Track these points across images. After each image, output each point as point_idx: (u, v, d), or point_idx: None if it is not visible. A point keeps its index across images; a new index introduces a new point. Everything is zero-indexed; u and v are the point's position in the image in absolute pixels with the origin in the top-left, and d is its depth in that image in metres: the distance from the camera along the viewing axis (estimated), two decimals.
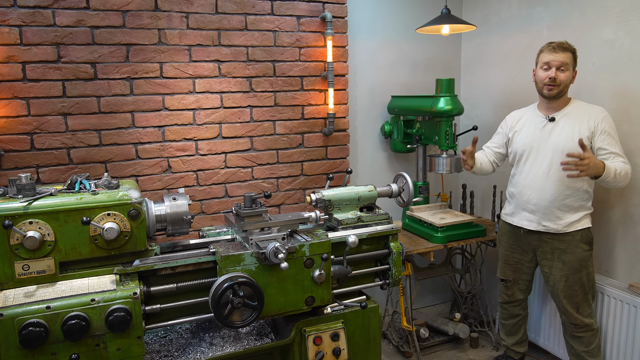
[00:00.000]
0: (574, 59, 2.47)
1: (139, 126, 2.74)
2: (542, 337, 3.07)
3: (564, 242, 2.54)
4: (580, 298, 2.55)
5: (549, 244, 2.59)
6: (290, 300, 1.94)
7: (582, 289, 2.55)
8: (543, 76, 2.48)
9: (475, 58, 3.67)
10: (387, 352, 3.30)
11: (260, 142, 3.05)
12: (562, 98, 2.52)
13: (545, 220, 2.56)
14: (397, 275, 2.19)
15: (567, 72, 2.44)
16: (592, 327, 2.56)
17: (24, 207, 1.66)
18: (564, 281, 2.55)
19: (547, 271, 2.63)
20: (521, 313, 2.90)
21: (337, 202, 2.19)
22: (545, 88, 2.49)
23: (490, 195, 3.49)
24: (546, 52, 2.48)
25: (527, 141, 2.61)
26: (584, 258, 2.53)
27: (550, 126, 2.54)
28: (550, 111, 2.56)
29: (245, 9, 2.88)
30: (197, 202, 2.93)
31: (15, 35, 2.44)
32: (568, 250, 2.53)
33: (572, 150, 2.34)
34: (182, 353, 1.93)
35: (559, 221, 2.52)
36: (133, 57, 2.67)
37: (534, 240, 2.66)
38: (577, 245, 2.52)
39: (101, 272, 1.80)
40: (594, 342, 2.58)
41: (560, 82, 2.44)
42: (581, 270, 2.53)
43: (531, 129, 2.62)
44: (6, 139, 2.49)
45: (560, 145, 2.47)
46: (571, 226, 2.51)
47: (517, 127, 2.70)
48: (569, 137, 2.46)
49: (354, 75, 3.36)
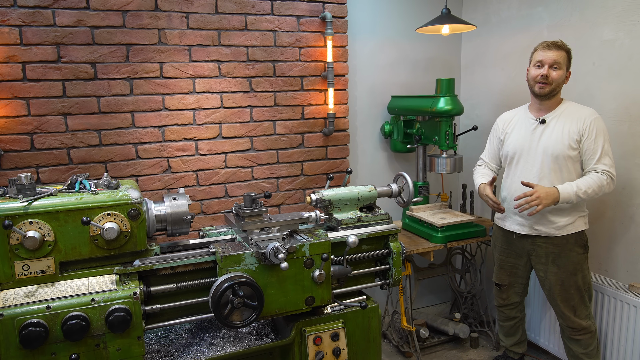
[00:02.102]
0: (567, 59, 2.43)
1: (139, 126, 2.74)
2: (542, 337, 3.06)
3: (557, 245, 2.51)
4: (576, 301, 2.53)
5: (542, 248, 2.56)
6: (290, 300, 1.94)
7: (578, 292, 2.53)
8: (535, 74, 2.45)
9: (475, 58, 3.67)
10: (387, 352, 3.30)
11: (260, 142, 3.05)
12: (554, 98, 2.49)
13: (537, 225, 2.53)
14: (397, 275, 2.19)
15: (559, 70, 2.40)
16: (589, 329, 2.55)
17: (24, 207, 1.66)
18: (560, 285, 2.53)
19: (543, 275, 2.61)
20: (518, 315, 2.88)
21: (337, 202, 2.19)
22: (537, 86, 2.45)
23: None
24: (540, 50, 2.45)
25: (518, 144, 2.58)
26: (578, 261, 2.50)
27: (540, 128, 2.50)
28: (541, 112, 2.53)
29: (245, 9, 2.88)
30: (197, 202, 2.93)
31: (15, 35, 2.44)
32: (562, 254, 2.51)
33: (561, 153, 2.39)
34: (182, 353, 1.93)
35: (551, 225, 2.49)
36: (133, 57, 2.67)
37: (527, 244, 2.62)
38: (571, 248, 2.50)
39: (101, 272, 1.80)
40: (592, 344, 2.57)
41: (552, 80, 2.40)
42: (576, 273, 2.51)
43: (522, 132, 2.58)
44: (6, 139, 2.49)
45: (550, 148, 2.45)
46: (565, 229, 2.48)
47: (508, 129, 2.66)
48: (558, 139, 2.43)
49: (354, 75, 3.36)
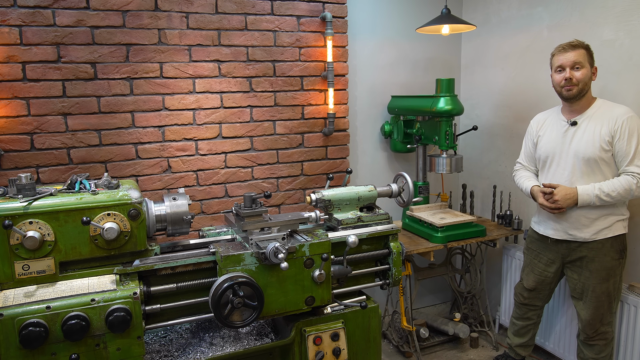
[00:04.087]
0: (588, 55, 2.37)
1: (139, 126, 2.74)
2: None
3: (592, 250, 2.44)
4: (605, 308, 2.48)
5: (576, 252, 2.50)
6: (290, 300, 1.94)
7: (608, 299, 2.47)
8: (559, 79, 2.41)
9: (475, 58, 3.67)
10: (387, 352, 3.30)
11: (260, 142, 3.05)
12: (585, 98, 2.41)
13: (571, 229, 2.47)
14: (397, 275, 2.19)
15: (582, 69, 2.35)
16: (606, 335, 2.50)
17: (24, 207, 1.66)
18: (591, 291, 2.47)
19: (576, 278, 2.54)
20: (534, 318, 2.83)
21: (337, 202, 2.19)
22: (564, 90, 2.40)
23: (490, 195, 3.49)
24: (557, 54, 2.42)
25: (550, 147, 2.53)
26: (612, 267, 2.43)
27: (572, 131, 2.45)
28: (572, 114, 2.46)
29: (245, 9, 2.88)
30: (197, 202, 2.93)
31: (15, 35, 2.44)
32: (596, 259, 2.44)
33: (592, 156, 2.35)
34: (182, 353, 1.93)
35: (585, 229, 2.43)
36: (133, 57, 2.67)
37: (562, 249, 2.56)
38: (606, 253, 2.42)
39: (101, 272, 1.80)
40: (605, 351, 2.52)
41: (577, 80, 2.35)
42: (609, 279, 2.44)
43: (553, 134, 2.54)
44: (6, 139, 2.49)
45: (581, 151, 2.39)
46: (600, 234, 2.41)
47: (541, 131, 2.62)
48: (589, 142, 2.37)
49: (354, 75, 3.36)
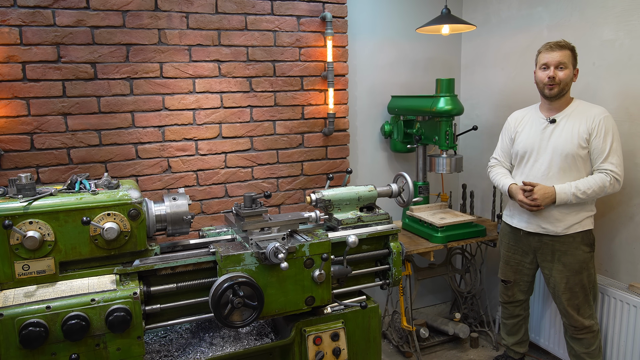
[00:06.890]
0: (572, 57, 2.44)
1: (139, 126, 2.74)
2: (543, 337, 3.07)
3: (564, 243, 2.53)
4: (581, 300, 2.55)
5: (549, 246, 2.58)
6: (290, 300, 1.94)
7: (583, 291, 2.54)
8: (542, 76, 2.47)
9: (475, 58, 3.67)
10: (387, 352, 3.30)
11: (260, 142, 3.05)
12: (564, 98, 2.51)
13: (544, 223, 2.55)
14: (397, 275, 2.19)
15: (566, 70, 2.42)
16: (592, 328, 2.56)
17: (24, 207, 1.66)
18: (565, 283, 2.55)
19: (548, 273, 2.63)
20: (522, 313, 2.89)
21: (337, 202, 2.19)
22: (545, 88, 2.47)
23: (490, 195, 3.49)
24: (543, 52, 2.47)
25: (528, 143, 2.61)
26: (584, 260, 2.52)
27: (550, 128, 2.53)
28: (551, 112, 2.55)
29: (245, 9, 2.88)
30: (197, 202, 2.93)
31: (15, 35, 2.44)
32: (568, 252, 2.53)
33: (571, 152, 2.43)
34: (182, 353, 1.93)
35: (558, 223, 2.51)
36: (133, 57, 2.67)
37: (534, 241, 2.65)
38: (577, 247, 2.51)
39: (101, 272, 1.80)
40: (595, 344, 2.58)
41: (559, 80, 2.42)
42: (582, 272, 2.52)
43: (532, 131, 2.61)
44: (6, 139, 2.49)
45: (559, 148, 2.47)
46: (571, 228, 2.50)
47: (519, 127, 2.69)
48: (568, 138, 2.45)
49: (354, 75, 3.36)
